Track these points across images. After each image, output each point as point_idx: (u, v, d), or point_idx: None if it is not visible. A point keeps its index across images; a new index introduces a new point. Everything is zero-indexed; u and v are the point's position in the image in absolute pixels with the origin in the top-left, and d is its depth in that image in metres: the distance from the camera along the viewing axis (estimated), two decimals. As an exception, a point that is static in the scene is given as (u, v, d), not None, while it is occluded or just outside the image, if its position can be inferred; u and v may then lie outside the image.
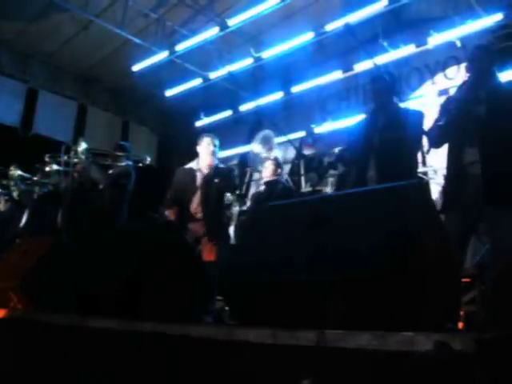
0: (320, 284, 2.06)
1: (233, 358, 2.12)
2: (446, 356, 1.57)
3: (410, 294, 2.02)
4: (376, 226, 2.12)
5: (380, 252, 2.02)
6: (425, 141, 4.68)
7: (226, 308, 4.33)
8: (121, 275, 2.93)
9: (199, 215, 5.63)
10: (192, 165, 5.95)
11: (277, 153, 7.94)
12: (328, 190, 7.44)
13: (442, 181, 6.29)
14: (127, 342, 2.61)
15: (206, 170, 5.86)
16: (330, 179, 7.46)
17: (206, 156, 5.93)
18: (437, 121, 4.34)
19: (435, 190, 6.54)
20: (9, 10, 10.16)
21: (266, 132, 8.26)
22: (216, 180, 5.72)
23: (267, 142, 8.03)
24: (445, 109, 4.34)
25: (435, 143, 4.48)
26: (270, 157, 7.51)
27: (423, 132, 4.67)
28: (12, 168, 8.36)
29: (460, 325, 4.03)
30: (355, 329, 1.85)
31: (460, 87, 4.40)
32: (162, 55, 10.69)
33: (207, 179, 5.77)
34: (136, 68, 11.16)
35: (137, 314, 2.74)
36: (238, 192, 10.33)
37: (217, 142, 6.08)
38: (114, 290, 2.93)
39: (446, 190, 4.35)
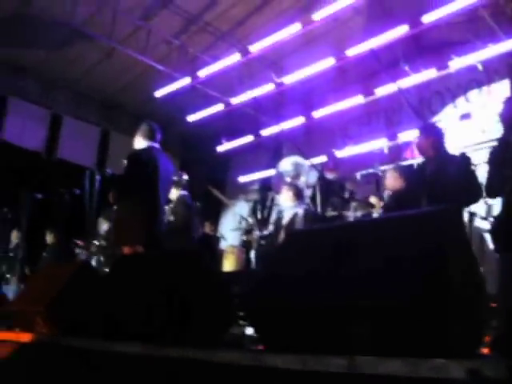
0: (348, 310, 2.05)
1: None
2: (479, 383, 1.56)
3: (438, 320, 2.00)
4: (403, 250, 2.11)
5: (408, 278, 2.00)
6: None
7: (247, 333, 4.31)
8: (147, 302, 2.94)
9: None
10: None
11: (303, 180, 7.92)
12: (350, 214, 7.39)
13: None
14: (153, 366, 2.61)
15: None
16: (353, 204, 7.43)
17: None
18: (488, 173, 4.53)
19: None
20: (34, 38, 10.37)
21: (298, 158, 8.27)
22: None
23: (297, 168, 8.03)
24: (490, 160, 4.52)
25: (488, 194, 4.71)
26: (295, 183, 7.51)
27: (474, 176, 4.94)
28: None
29: (486, 350, 3.98)
30: (384, 355, 1.83)
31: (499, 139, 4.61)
32: (184, 81, 10.81)
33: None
34: (158, 94, 11.29)
35: (163, 339, 2.75)
36: (259, 217, 10.34)
37: (146, 128, 5.75)
38: (141, 315, 2.94)
39: (499, 231, 4.43)
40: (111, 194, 5.50)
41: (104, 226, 8.24)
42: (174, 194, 7.42)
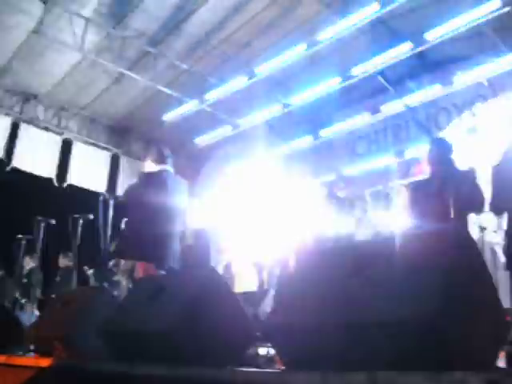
0: (364, 327, 2.09)
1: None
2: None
3: (458, 334, 2.03)
4: (419, 267, 2.15)
5: (423, 294, 2.04)
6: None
7: (261, 353, 4.34)
8: (167, 323, 2.98)
9: None
10: None
11: None
12: (361, 232, 7.43)
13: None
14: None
15: None
16: (364, 221, 7.48)
17: None
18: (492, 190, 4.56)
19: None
20: (44, 65, 10.52)
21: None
22: None
23: None
24: (494, 175, 4.54)
25: (495, 212, 4.77)
26: None
27: (479, 193, 4.89)
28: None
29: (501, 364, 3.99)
30: (405, 370, 1.86)
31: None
32: (192, 104, 10.92)
33: None
34: (167, 117, 11.41)
35: (185, 359, 2.78)
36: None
37: (157, 152, 5.82)
38: (159, 336, 2.98)
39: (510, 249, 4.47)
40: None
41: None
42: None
